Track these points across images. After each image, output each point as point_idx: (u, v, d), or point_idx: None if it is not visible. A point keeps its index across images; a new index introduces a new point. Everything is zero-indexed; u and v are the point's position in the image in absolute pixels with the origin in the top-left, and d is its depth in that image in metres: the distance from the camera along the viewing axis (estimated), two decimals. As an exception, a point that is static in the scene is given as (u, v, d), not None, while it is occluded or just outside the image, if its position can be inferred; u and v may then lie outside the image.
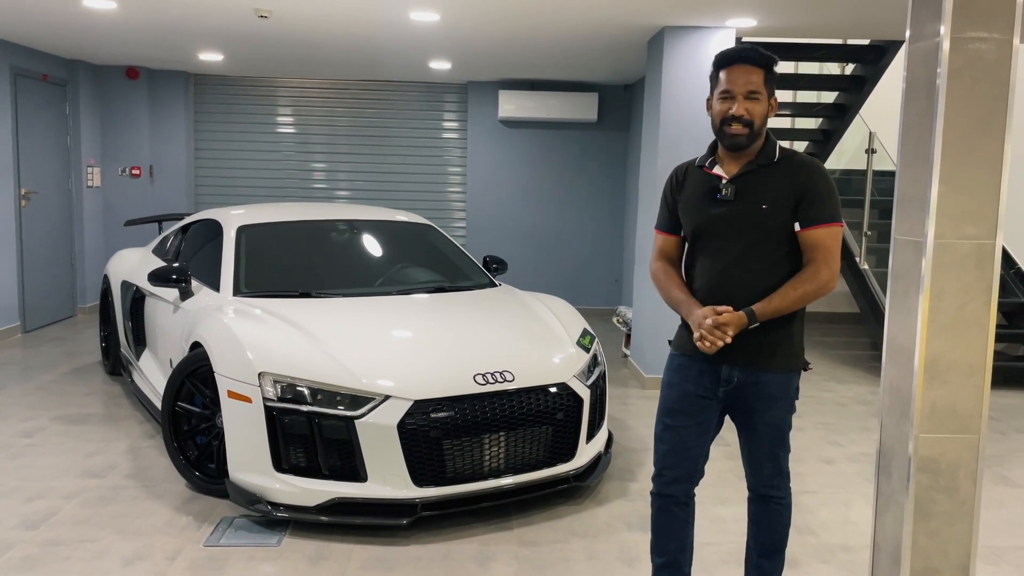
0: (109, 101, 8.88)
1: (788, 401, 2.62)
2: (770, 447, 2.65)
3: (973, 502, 2.88)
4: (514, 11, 5.64)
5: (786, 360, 2.58)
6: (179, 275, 4.55)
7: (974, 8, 2.70)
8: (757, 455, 2.68)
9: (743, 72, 2.49)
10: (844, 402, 5.91)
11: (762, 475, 2.70)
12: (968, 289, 2.79)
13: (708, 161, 2.63)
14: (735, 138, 2.51)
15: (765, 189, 2.52)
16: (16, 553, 3.30)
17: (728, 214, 2.54)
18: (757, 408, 2.60)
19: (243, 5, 5.63)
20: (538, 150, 9.38)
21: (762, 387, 2.56)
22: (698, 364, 2.61)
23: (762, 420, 2.61)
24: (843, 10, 5.41)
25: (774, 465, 2.68)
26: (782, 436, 2.66)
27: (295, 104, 9.37)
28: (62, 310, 8.34)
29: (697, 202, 2.61)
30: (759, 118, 2.51)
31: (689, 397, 2.63)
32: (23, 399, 5.50)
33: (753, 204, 2.52)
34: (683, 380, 2.64)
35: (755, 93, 2.49)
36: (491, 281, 4.99)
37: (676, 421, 2.66)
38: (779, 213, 2.52)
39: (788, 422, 2.67)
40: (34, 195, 7.67)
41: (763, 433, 2.63)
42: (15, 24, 6.51)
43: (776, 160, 2.56)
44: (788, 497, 2.75)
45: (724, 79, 2.52)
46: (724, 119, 2.50)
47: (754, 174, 2.55)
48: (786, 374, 2.59)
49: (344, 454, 3.47)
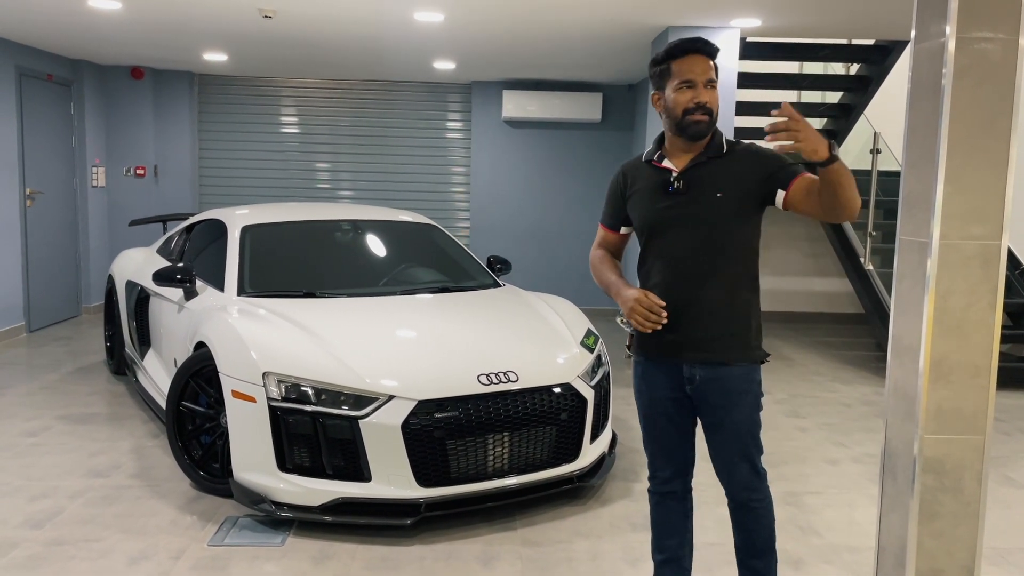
0: (114, 101, 8.90)
1: (753, 396, 2.57)
2: (742, 447, 2.58)
3: (978, 503, 2.88)
4: (518, 11, 5.64)
5: (744, 351, 2.54)
6: (183, 275, 4.56)
7: (979, 8, 2.69)
8: (729, 457, 2.59)
9: (699, 61, 2.48)
10: (848, 403, 5.90)
11: (737, 478, 2.61)
12: (973, 290, 2.79)
13: (656, 155, 2.61)
14: (699, 126, 2.49)
15: (718, 178, 2.51)
16: (21, 552, 3.31)
17: (680, 207, 2.53)
18: (723, 405, 2.55)
19: (247, 5, 5.64)
20: (542, 150, 9.38)
21: (724, 382, 2.53)
22: (660, 367, 2.59)
23: (729, 417, 2.55)
24: (848, 10, 5.40)
25: (748, 466, 2.60)
26: (752, 434, 2.59)
27: (299, 104, 9.38)
28: (67, 310, 8.35)
29: (648, 196, 2.58)
30: (716, 107, 2.52)
31: (659, 401, 2.62)
32: (28, 398, 5.51)
33: (706, 194, 2.51)
34: (650, 386, 2.64)
35: (712, 82, 2.50)
36: (495, 281, 4.99)
37: (654, 426, 2.66)
38: (736, 199, 2.50)
39: (756, 419, 2.61)
40: (39, 195, 7.69)
41: (732, 432, 2.57)
42: (20, 24, 6.52)
43: (725, 152, 2.55)
44: (768, 497, 2.66)
45: (682, 69, 2.49)
46: (687, 109, 2.48)
47: (704, 166, 2.54)
48: (746, 366, 2.55)
49: (348, 454, 3.47)
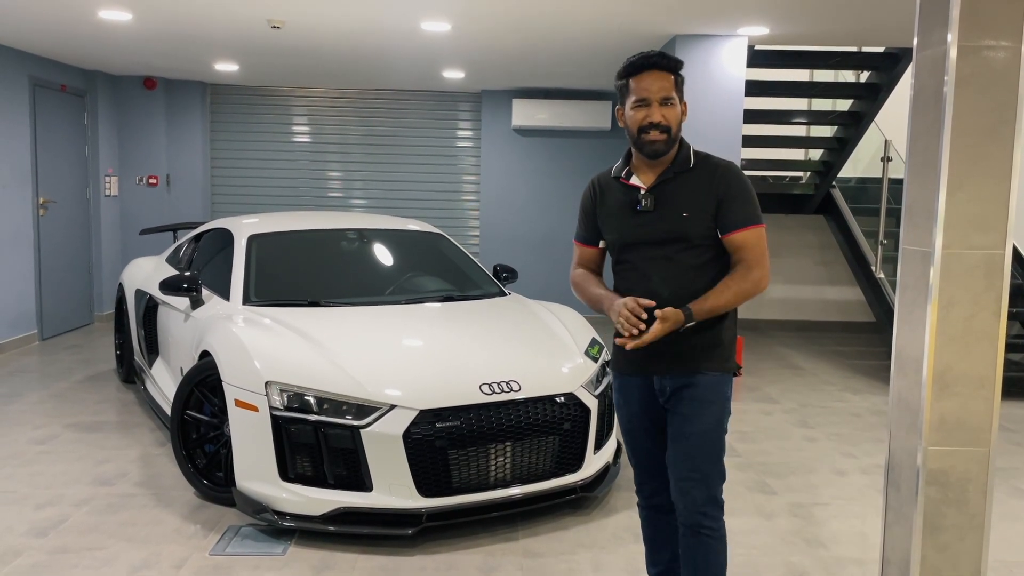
0: (127, 111, 8.98)
1: (719, 407, 2.50)
2: (699, 463, 2.48)
3: (983, 516, 2.84)
4: (524, 21, 5.65)
5: (714, 362, 2.50)
6: (189, 284, 4.58)
7: (982, 16, 2.67)
8: (685, 473, 2.49)
9: (656, 78, 2.45)
10: (858, 412, 5.84)
11: (690, 499, 2.49)
12: (977, 300, 2.76)
13: (624, 171, 2.58)
14: (654, 145, 2.46)
15: (684, 196, 2.48)
16: (25, 560, 3.33)
17: (650, 225, 2.50)
18: (687, 414, 2.48)
19: (256, 16, 5.68)
20: (552, 158, 9.38)
21: (692, 389, 2.48)
22: (635, 381, 2.57)
23: (692, 427, 2.48)
24: (855, 18, 5.37)
25: (704, 490, 2.48)
26: (713, 452, 2.50)
27: (310, 113, 9.43)
28: (79, 318, 8.42)
29: (618, 214, 2.56)
30: (676, 123, 2.48)
31: (637, 416, 2.60)
32: (38, 406, 5.55)
33: (674, 212, 2.47)
34: (627, 401, 2.62)
35: (669, 99, 2.46)
36: (500, 290, 4.98)
37: (635, 440, 2.64)
38: (700, 219, 2.47)
39: (719, 436, 2.52)
40: (52, 204, 7.76)
41: (692, 444, 2.48)
42: (34, 35, 6.60)
43: (692, 166, 2.52)
44: (721, 529, 2.53)
45: (637, 87, 2.46)
46: (642, 127, 2.45)
47: (672, 182, 2.51)
48: (715, 376, 2.49)
49: (350, 463, 3.47)
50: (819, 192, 8.23)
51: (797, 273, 9.08)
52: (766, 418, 5.65)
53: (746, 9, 5.23)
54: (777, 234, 8.92)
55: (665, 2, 5.07)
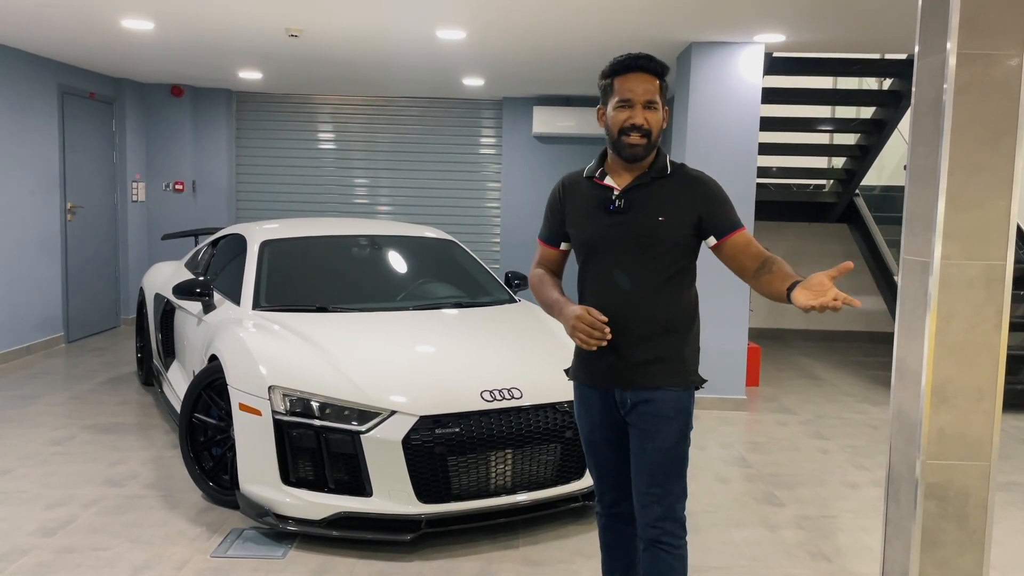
0: (154, 118, 9.13)
1: (680, 423, 2.43)
2: (659, 479, 2.42)
3: (984, 531, 2.78)
4: (538, 28, 5.66)
5: (674, 377, 2.43)
6: (202, 289, 4.64)
7: (982, 24, 2.63)
8: (644, 488, 2.44)
9: (641, 80, 2.40)
10: (876, 424, 5.75)
11: (649, 514, 2.44)
12: (977, 311, 2.71)
13: (598, 172, 2.52)
14: (633, 148, 2.41)
15: (660, 201, 2.42)
16: (30, 559, 3.39)
17: (621, 226, 2.43)
18: (648, 430, 2.42)
19: (274, 25, 5.75)
20: (572, 165, 9.18)
21: (653, 405, 2.41)
22: (596, 392, 2.52)
23: (652, 442, 2.42)
24: (872, 25, 5.31)
25: (662, 506, 2.42)
26: (674, 469, 2.44)
27: (334, 120, 9.53)
28: (105, 321, 8.57)
29: (588, 214, 2.49)
30: (656, 128, 2.42)
31: (598, 427, 2.55)
32: (58, 407, 5.66)
33: (648, 216, 2.41)
34: (587, 411, 2.57)
35: (653, 103, 2.40)
36: (511, 297, 4.98)
37: (596, 450, 2.59)
38: (676, 226, 2.41)
39: (681, 453, 2.46)
40: (79, 209, 7.91)
41: (653, 460, 2.42)
42: (62, 44, 6.74)
43: (669, 173, 2.47)
44: (682, 548, 2.45)
45: (621, 88, 2.41)
46: (623, 129, 2.41)
47: (647, 187, 2.45)
48: (676, 391, 2.43)
49: (350, 468, 3.49)
50: (842, 200, 8.13)
51: (820, 282, 8.95)
52: (780, 429, 5.59)
53: (763, 17, 5.19)
54: (799, 243, 8.82)
55: (681, 9, 5.05)
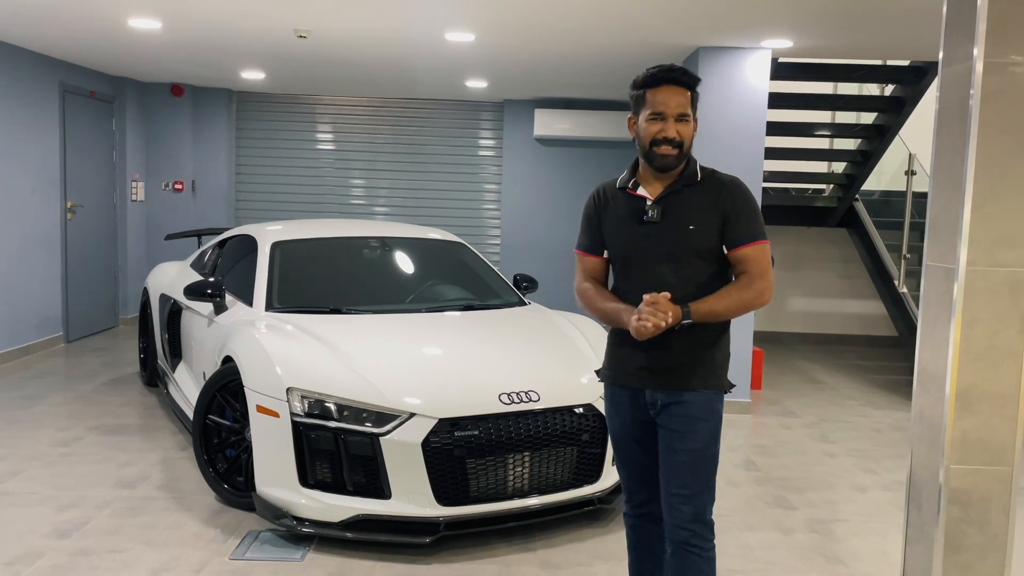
0: (154, 117, 9.10)
1: (711, 425, 2.48)
2: (689, 481, 2.46)
3: (1006, 536, 2.81)
4: (548, 32, 5.68)
5: (706, 380, 2.48)
6: (213, 290, 4.63)
7: (1009, 32, 2.65)
8: (674, 489, 2.48)
9: (674, 93, 2.44)
10: (880, 428, 5.79)
11: (678, 515, 2.47)
12: (1001, 318, 2.73)
13: (631, 182, 2.56)
14: (665, 159, 2.46)
15: (691, 209, 2.47)
16: (46, 562, 3.37)
17: (655, 236, 2.48)
18: (678, 431, 2.47)
19: (283, 25, 5.75)
20: (573, 168, 9.39)
21: (684, 407, 2.46)
22: (626, 392, 2.57)
23: (682, 443, 2.46)
24: (880, 31, 5.35)
25: (692, 508, 2.46)
26: (703, 471, 2.48)
27: (334, 121, 9.51)
28: (104, 321, 8.52)
29: (623, 224, 2.54)
30: (688, 139, 2.47)
31: (628, 426, 2.59)
32: (62, 408, 5.62)
33: (680, 225, 2.47)
34: (618, 411, 2.61)
35: (685, 115, 2.45)
36: (520, 300, 4.99)
37: (625, 449, 2.64)
38: (706, 233, 2.46)
39: (711, 455, 2.50)
40: (79, 208, 7.87)
41: (682, 461, 2.46)
42: (64, 42, 6.70)
43: (699, 180, 2.51)
44: (710, 550, 2.49)
45: (654, 100, 2.45)
46: (655, 140, 2.45)
47: (679, 194, 2.50)
48: (707, 393, 2.48)
49: (369, 471, 3.49)
50: (842, 205, 8.18)
51: (819, 286, 9.02)
52: (786, 432, 5.62)
53: (770, 22, 5.22)
54: (799, 247, 8.87)
55: (689, 14, 5.07)
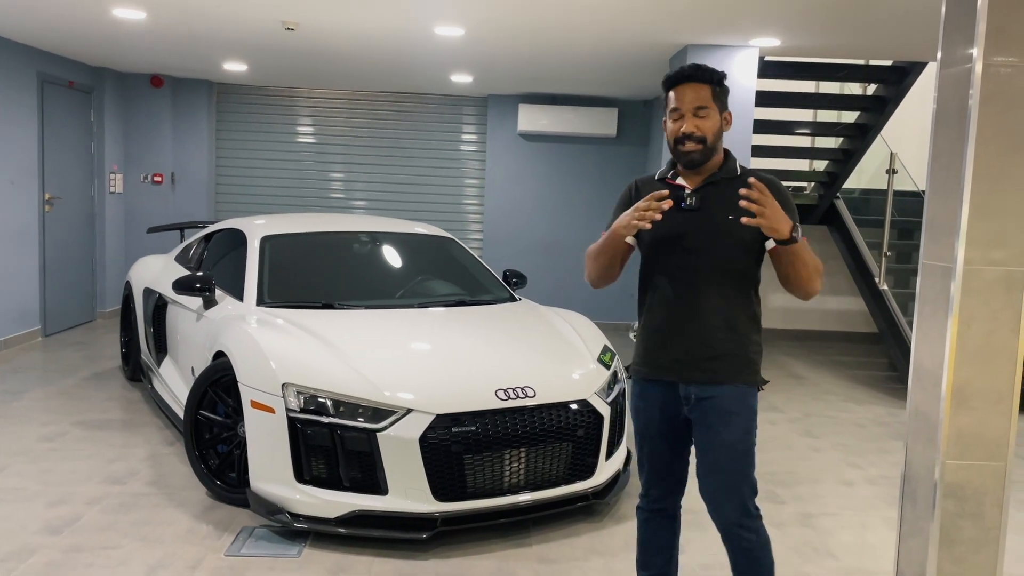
0: (133, 108, 8.98)
1: (745, 418, 2.53)
2: (729, 476, 2.52)
3: (999, 529, 2.87)
4: (538, 28, 5.68)
5: (740, 374, 2.53)
6: (203, 284, 4.58)
7: (1008, 34, 2.70)
8: (715, 486, 2.54)
9: (690, 89, 2.50)
10: (862, 423, 5.87)
11: (723, 513, 2.54)
12: (996, 316, 2.79)
13: (670, 173, 2.61)
14: (689, 155, 2.50)
15: (730, 201, 2.46)
16: (39, 559, 3.33)
17: (693, 223, 2.51)
18: (714, 425, 2.51)
19: (271, 17, 5.69)
20: (557, 164, 9.40)
21: (718, 400, 2.50)
22: (659, 386, 2.59)
23: (719, 439, 2.51)
24: (867, 31, 5.41)
25: (736, 503, 2.52)
26: (742, 464, 2.53)
27: (316, 114, 9.45)
28: (82, 314, 8.40)
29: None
30: (711, 133, 2.50)
31: (656, 422, 2.62)
32: (45, 403, 5.54)
33: (718, 214, 2.49)
34: (648, 406, 2.63)
35: (703, 109, 2.49)
36: (511, 295, 5.00)
37: (650, 445, 2.66)
38: (744, 227, 2.45)
39: (748, 447, 2.55)
40: (57, 200, 7.75)
41: (720, 455, 2.52)
42: (43, 31, 6.59)
43: (739, 175, 2.55)
44: (761, 534, 2.58)
45: (673, 99, 2.52)
46: (677, 138, 2.51)
47: (717, 186, 2.53)
48: (741, 387, 2.52)
49: (365, 466, 3.48)
50: (823, 203, 8.27)
51: (799, 283, 9.10)
52: (771, 427, 5.68)
53: (759, 21, 5.26)
54: (780, 244, 8.93)
55: (678, 12, 5.10)
